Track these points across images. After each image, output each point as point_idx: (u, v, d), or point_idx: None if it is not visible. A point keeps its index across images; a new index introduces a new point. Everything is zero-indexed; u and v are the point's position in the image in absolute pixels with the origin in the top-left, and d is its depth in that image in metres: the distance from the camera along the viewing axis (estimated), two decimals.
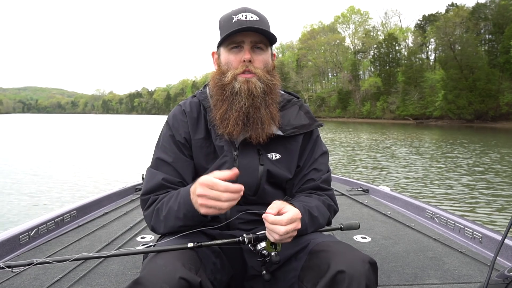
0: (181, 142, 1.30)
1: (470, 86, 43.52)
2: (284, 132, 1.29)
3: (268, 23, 1.27)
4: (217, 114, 1.26)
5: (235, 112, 1.22)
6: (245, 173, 1.26)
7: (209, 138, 1.31)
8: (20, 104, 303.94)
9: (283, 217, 1.05)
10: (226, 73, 1.25)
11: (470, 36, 45.88)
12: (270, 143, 1.29)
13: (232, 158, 1.27)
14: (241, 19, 1.21)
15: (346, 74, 70.75)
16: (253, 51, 1.24)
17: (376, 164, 11.40)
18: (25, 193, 7.47)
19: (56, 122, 61.70)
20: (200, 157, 1.30)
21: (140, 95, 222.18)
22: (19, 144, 19.19)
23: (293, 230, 1.07)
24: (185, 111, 1.33)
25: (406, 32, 67.57)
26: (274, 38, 1.26)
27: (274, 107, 1.27)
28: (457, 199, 6.95)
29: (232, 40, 1.23)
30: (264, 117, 1.24)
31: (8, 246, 1.89)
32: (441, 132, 29.09)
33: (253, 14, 1.23)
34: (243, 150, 1.28)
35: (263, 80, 1.24)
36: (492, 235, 1.99)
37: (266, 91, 1.25)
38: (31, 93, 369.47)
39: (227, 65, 1.26)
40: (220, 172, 1.03)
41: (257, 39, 1.23)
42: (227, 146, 1.28)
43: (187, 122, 1.31)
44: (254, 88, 1.22)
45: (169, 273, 0.93)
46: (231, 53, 1.25)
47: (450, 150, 15.12)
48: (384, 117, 57.65)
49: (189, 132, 1.31)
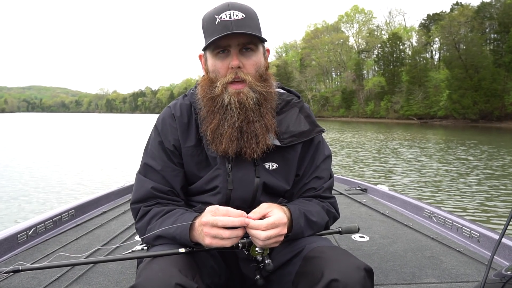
0: (170, 150, 1.22)
1: (475, 85, 43.21)
2: (282, 142, 1.20)
3: (256, 19, 1.17)
4: (208, 129, 1.17)
5: (228, 128, 1.14)
6: (239, 187, 1.20)
7: (200, 145, 1.23)
8: (25, 103, 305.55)
9: (262, 222, 1.02)
10: (215, 82, 1.15)
11: (475, 36, 45.53)
12: (267, 152, 1.20)
13: (225, 172, 1.20)
14: (224, 20, 1.10)
15: (349, 73, 70.50)
16: (241, 54, 1.14)
17: (383, 165, 11.23)
18: (24, 192, 7.46)
19: (60, 121, 62.01)
20: (191, 165, 1.24)
21: (143, 94, 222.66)
22: (21, 142, 19.27)
23: (277, 236, 1.03)
24: (175, 115, 1.24)
25: (410, 31, 67.20)
26: (263, 38, 1.16)
27: (269, 116, 1.19)
28: (467, 201, 6.88)
29: (217, 44, 1.13)
30: (258, 130, 1.15)
31: (6, 245, 1.89)
32: (447, 132, 28.89)
33: (238, 12, 1.11)
34: (238, 162, 1.20)
35: (255, 89, 1.15)
36: (490, 234, 1.99)
37: (259, 100, 1.16)
38: (36, 92, 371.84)
39: (214, 73, 1.16)
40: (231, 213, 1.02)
41: (245, 41, 1.13)
42: (220, 158, 1.20)
43: (177, 128, 1.23)
44: (246, 100, 1.13)
45: (165, 280, 0.90)
46: (217, 59, 1.15)
47: (461, 151, 14.82)
48: (388, 117, 57.41)
49: (179, 139, 1.23)
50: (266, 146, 1.18)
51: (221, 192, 1.21)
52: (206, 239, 1.00)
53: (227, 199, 1.21)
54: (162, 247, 1.11)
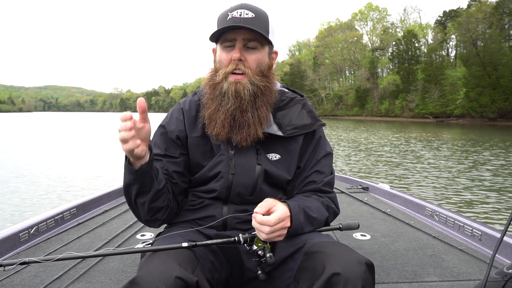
0: (172, 139, 1.30)
1: (494, 83, 42.18)
2: (284, 133, 1.27)
3: (266, 21, 1.23)
4: (206, 113, 1.25)
5: (222, 114, 1.21)
6: (241, 172, 1.25)
7: (206, 136, 1.29)
8: (41, 103, 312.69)
9: (271, 217, 1.05)
10: (218, 71, 1.24)
11: (494, 32, 44.45)
12: (270, 143, 1.27)
13: (228, 157, 1.26)
14: (235, 16, 1.19)
15: (364, 71, 69.85)
16: (246, 49, 1.22)
17: (401, 168, 10.65)
18: (26, 190, 7.50)
19: (75, 120, 63.07)
20: (196, 155, 1.30)
21: (157, 93, 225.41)
22: (34, 141, 19.60)
23: (281, 229, 1.07)
24: (183, 109, 1.33)
25: (426, 28, 65.99)
26: (266, 38, 1.22)
27: (263, 109, 1.24)
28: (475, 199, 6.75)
29: (224, 37, 1.22)
30: (250, 120, 1.22)
31: (8, 243, 1.90)
32: (464, 131, 28.24)
33: (248, 11, 1.20)
34: (241, 150, 1.26)
35: (254, 82, 1.21)
36: (491, 232, 1.98)
37: (256, 93, 1.22)
38: (52, 91, 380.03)
39: (219, 63, 1.24)
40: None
41: (250, 37, 1.20)
42: (224, 145, 1.27)
43: (183, 121, 1.31)
44: (242, 90, 1.20)
45: (165, 273, 0.93)
46: (223, 51, 1.24)
47: (482, 149, 14.35)
48: (403, 116, 56.62)
49: (185, 130, 1.30)
50: (257, 136, 1.23)
51: (223, 177, 1.26)
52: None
53: (229, 185, 1.26)
54: (165, 241, 1.14)
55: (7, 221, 5.46)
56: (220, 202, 1.29)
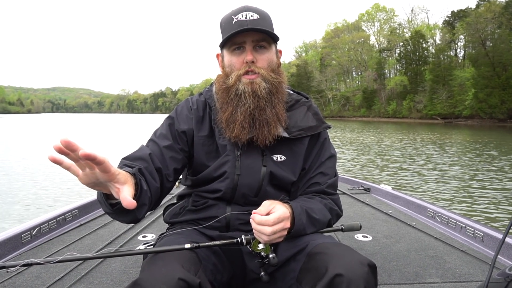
0: (178, 133, 1.29)
1: (503, 84, 41.66)
2: (290, 134, 1.27)
3: (270, 21, 1.25)
4: (223, 117, 1.24)
5: (240, 115, 1.21)
6: (246, 173, 1.25)
7: (212, 136, 1.30)
8: (50, 104, 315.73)
9: (269, 217, 1.05)
10: (230, 75, 1.24)
11: (503, 32, 43.89)
12: (275, 145, 1.27)
13: (234, 158, 1.26)
14: (241, 19, 1.19)
15: (371, 72, 69.41)
16: (255, 50, 1.23)
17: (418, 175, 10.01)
18: (27, 192, 7.51)
19: (83, 121, 63.44)
20: (201, 154, 1.30)
21: (164, 95, 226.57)
22: (40, 142, 19.60)
23: (281, 230, 1.07)
24: (192, 107, 1.33)
25: (433, 29, 65.45)
26: (276, 36, 1.23)
27: (280, 107, 1.25)
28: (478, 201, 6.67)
29: (233, 41, 1.22)
30: (270, 118, 1.22)
31: (10, 245, 1.90)
32: (473, 132, 27.87)
33: (253, 13, 1.21)
34: (247, 151, 1.26)
35: (268, 79, 1.22)
36: (493, 233, 1.96)
37: (271, 91, 1.23)
38: (60, 93, 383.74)
39: (230, 67, 1.25)
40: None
41: (259, 38, 1.21)
42: (230, 145, 1.27)
43: (192, 118, 1.31)
44: (258, 89, 1.20)
45: (168, 274, 0.92)
46: (233, 55, 1.24)
47: (491, 148, 14.09)
48: (411, 117, 56.15)
49: (192, 128, 1.30)
50: (277, 134, 1.24)
51: (229, 177, 1.26)
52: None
53: (234, 185, 1.26)
54: (167, 242, 1.13)
55: (9, 221, 5.50)
56: (224, 203, 1.29)
